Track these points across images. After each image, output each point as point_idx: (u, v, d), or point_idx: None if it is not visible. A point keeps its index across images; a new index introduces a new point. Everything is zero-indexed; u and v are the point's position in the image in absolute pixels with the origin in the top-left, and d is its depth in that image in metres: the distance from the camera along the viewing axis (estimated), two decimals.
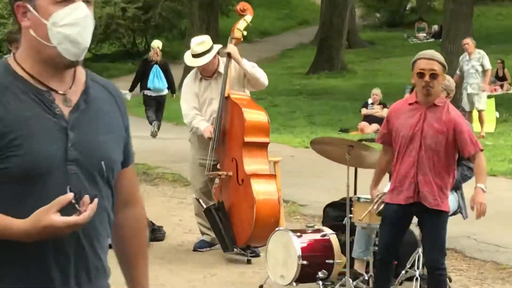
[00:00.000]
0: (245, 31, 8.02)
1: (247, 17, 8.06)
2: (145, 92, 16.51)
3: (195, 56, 7.77)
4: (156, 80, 16.24)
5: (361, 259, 6.76)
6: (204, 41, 7.85)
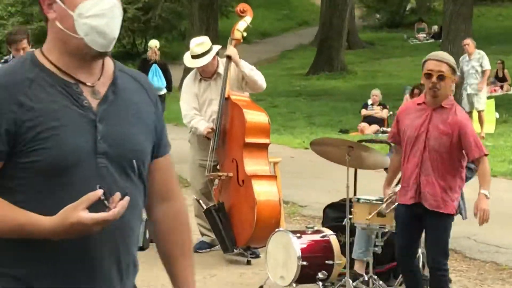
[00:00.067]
0: (245, 32, 8.00)
1: (247, 18, 8.04)
2: None
3: (195, 57, 7.76)
4: (155, 79, 16.23)
5: (361, 260, 6.76)
6: (203, 42, 7.85)
